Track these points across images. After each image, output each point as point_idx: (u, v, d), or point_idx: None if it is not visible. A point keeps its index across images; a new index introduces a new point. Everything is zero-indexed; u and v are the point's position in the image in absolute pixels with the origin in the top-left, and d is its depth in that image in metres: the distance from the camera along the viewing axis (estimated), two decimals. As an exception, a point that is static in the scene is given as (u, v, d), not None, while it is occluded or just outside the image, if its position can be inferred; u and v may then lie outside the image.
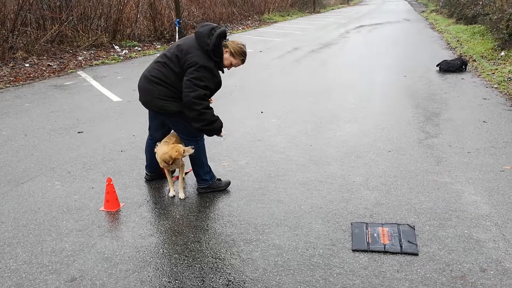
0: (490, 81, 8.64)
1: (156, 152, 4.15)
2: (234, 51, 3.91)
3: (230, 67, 4.04)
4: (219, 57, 3.87)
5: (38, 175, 4.87)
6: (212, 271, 3.13)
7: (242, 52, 3.95)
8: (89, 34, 14.55)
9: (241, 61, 4.02)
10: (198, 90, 3.76)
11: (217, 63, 3.89)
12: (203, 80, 3.78)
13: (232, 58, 3.95)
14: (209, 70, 3.82)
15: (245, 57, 4.00)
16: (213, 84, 3.90)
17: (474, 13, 17.23)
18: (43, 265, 3.25)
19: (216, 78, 3.90)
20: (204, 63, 3.79)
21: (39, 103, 8.07)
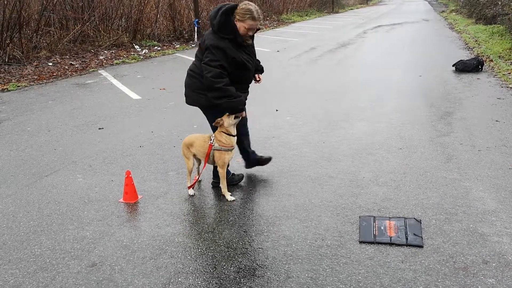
0: (506, 81, 8.62)
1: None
2: (239, 15, 3.78)
3: (247, 33, 3.87)
4: (230, 34, 3.81)
5: (61, 168, 5.10)
6: (224, 259, 3.29)
7: (245, 11, 3.77)
8: (110, 34, 14.90)
9: (251, 19, 3.78)
10: (213, 69, 3.80)
11: (231, 40, 3.84)
12: (217, 60, 3.79)
13: (242, 23, 3.79)
14: (221, 49, 3.79)
15: (251, 13, 3.77)
16: (228, 62, 3.83)
17: (493, 13, 17.07)
18: (65, 251, 3.45)
19: (230, 56, 3.82)
20: (215, 43, 3.80)
21: (62, 100, 8.35)
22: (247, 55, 4.02)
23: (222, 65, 3.82)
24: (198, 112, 7.12)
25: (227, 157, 4.16)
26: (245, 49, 4.01)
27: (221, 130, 4.12)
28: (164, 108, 7.60)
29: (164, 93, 8.76)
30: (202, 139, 4.24)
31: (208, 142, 4.16)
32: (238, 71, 3.96)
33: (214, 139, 4.13)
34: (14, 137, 6.26)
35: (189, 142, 4.30)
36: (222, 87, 3.82)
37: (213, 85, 3.83)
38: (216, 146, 4.12)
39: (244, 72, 4.04)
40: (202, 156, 4.25)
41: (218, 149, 4.12)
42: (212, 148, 4.13)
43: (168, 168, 5.00)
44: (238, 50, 3.90)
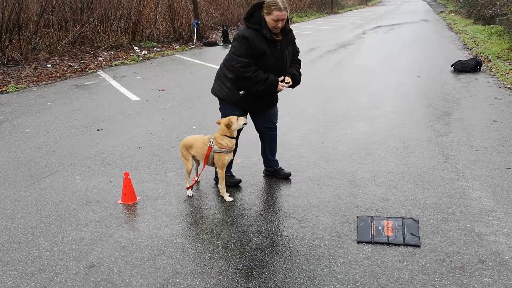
0: (504, 81, 8.64)
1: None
2: (266, 9, 3.86)
3: (277, 25, 3.89)
4: (257, 24, 3.91)
5: (60, 170, 5.11)
6: (222, 259, 3.29)
7: (271, 3, 3.83)
8: (109, 35, 14.92)
9: (277, 10, 3.81)
10: (241, 59, 3.92)
11: (257, 30, 3.92)
12: (243, 50, 3.91)
13: (269, 16, 3.85)
14: (246, 39, 3.90)
15: (276, 5, 3.81)
16: (252, 52, 3.91)
17: (492, 14, 17.10)
18: (64, 252, 3.45)
19: (255, 46, 3.90)
20: (241, 32, 3.95)
21: (60, 102, 8.37)
22: (274, 51, 4.03)
23: (248, 54, 3.93)
24: (197, 113, 7.17)
25: (227, 158, 4.17)
26: (274, 46, 4.02)
27: (223, 133, 4.10)
28: (163, 109, 7.61)
29: (163, 94, 8.77)
30: (202, 141, 4.24)
31: (208, 144, 4.16)
32: (262, 63, 4.00)
33: (213, 141, 4.13)
34: (13, 138, 6.27)
35: (188, 144, 4.31)
36: (251, 75, 3.95)
37: (242, 75, 3.96)
38: (216, 148, 4.12)
39: (266, 66, 4.04)
40: (201, 157, 4.25)
41: (218, 151, 4.12)
42: (212, 150, 4.14)
43: (166, 169, 5.01)
44: (264, 42, 3.95)
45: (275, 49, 4.03)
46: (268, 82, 4.01)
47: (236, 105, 4.24)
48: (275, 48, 4.03)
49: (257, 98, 4.20)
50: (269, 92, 4.13)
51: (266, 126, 4.48)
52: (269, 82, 4.01)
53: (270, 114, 4.47)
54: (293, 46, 4.27)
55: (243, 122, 4.10)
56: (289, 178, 4.65)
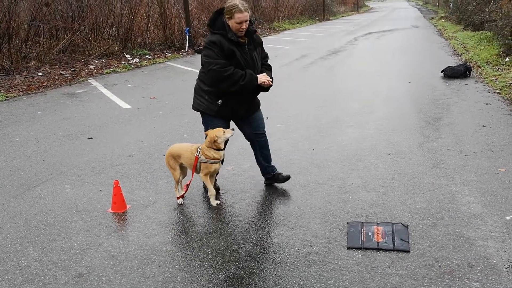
0: (493, 86, 8.72)
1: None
2: (227, 13, 3.92)
3: (241, 28, 3.93)
4: (221, 29, 3.95)
5: (49, 179, 5.08)
6: (212, 267, 3.29)
7: (231, 7, 3.88)
8: (101, 43, 14.90)
9: (238, 12, 3.86)
10: (217, 61, 3.93)
11: (222, 35, 3.95)
12: (216, 53, 3.93)
13: (232, 20, 3.90)
14: (213, 43, 3.94)
15: (236, 7, 3.86)
16: (223, 54, 3.94)
17: (481, 20, 17.27)
18: (52, 262, 3.43)
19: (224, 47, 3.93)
20: (208, 39, 4.00)
21: (51, 110, 8.33)
22: (243, 53, 4.05)
23: (221, 55, 3.95)
24: (188, 121, 7.17)
25: (213, 167, 4.15)
26: (242, 48, 4.04)
27: (209, 146, 4.08)
28: (154, 117, 7.60)
29: (154, 102, 8.76)
30: (190, 151, 4.21)
31: (195, 154, 4.14)
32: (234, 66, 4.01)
33: (200, 152, 4.11)
34: (2, 148, 6.23)
35: (176, 153, 4.28)
36: (231, 73, 3.95)
37: (222, 75, 3.95)
38: (203, 159, 4.10)
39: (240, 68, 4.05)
40: (190, 166, 4.24)
41: (204, 161, 4.11)
42: (198, 161, 4.13)
43: (157, 177, 5.00)
44: (232, 45, 3.98)
45: (244, 52, 4.06)
46: (248, 76, 4.00)
47: (217, 116, 4.23)
48: (243, 50, 4.05)
49: (236, 105, 4.20)
50: (251, 87, 4.08)
51: (254, 132, 4.47)
52: (248, 75, 4.01)
53: (256, 120, 4.45)
54: (262, 49, 4.31)
55: (230, 134, 4.08)
56: (281, 185, 4.64)
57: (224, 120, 4.30)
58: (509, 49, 11.50)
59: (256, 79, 4.06)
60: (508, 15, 12.58)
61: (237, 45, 4.00)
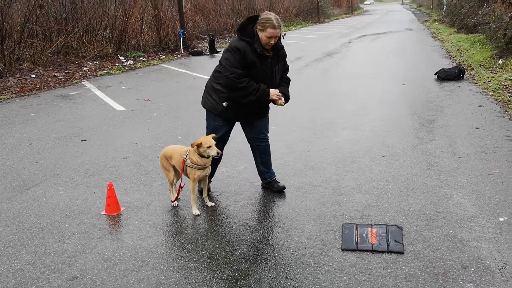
0: (486, 88, 8.77)
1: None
2: (260, 25, 3.88)
3: (270, 42, 3.92)
4: (249, 37, 3.94)
5: (43, 181, 5.05)
6: (206, 269, 3.27)
7: (265, 20, 3.86)
8: (95, 45, 14.86)
9: (271, 28, 3.85)
10: (234, 70, 3.93)
11: (249, 44, 3.95)
12: (236, 61, 3.92)
13: (263, 33, 3.88)
14: (237, 50, 3.92)
15: (270, 22, 3.84)
16: (245, 63, 3.94)
17: (474, 23, 17.39)
18: (46, 265, 3.40)
19: (246, 57, 3.92)
20: (233, 43, 3.98)
21: (44, 112, 8.29)
22: (264, 65, 4.06)
23: (241, 64, 3.95)
24: (182, 123, 7.16)
25: (197, 173, 4.09)
26: (264, 60, 4.05)
27: (195, 149, 4.04)
28: (148, 119, 7.58)
29: (148, 104, 8.74)
30: (179, 153, 4.20)
31: (183, 156, 4.13)
32: (251, 76, 4.02)
33: (188, 155, 4.10)
34: (-4, 150, 6.19)
35: (168, 154, 4.27)
36: (245, 86, 3.98)
37: (237, 85, 3.98)
38: (188, 163, 4.09)
39: (255, 80, 4.05)
40: (179, 168, 4.22)
41: (189, 165, 4.09)
42: (185, 164, 4.11)
43: (151, 179, 4.98)
44: (255, 56, 3.98)
45: (265, 64, 4.06)
46: (260, 91, 4.03)
47: (221, 116, 4.26)
48: (265, 62, 4.06)
49: (241, 111, 4.21)
50: (261, 101, 4.14)
51: (255, 136, 4.44)
52: (261, 91, 4.04)
53: (259, 125, 4.42)
54: (284, 62, 4.31)
55: (214, 153, 3.94)
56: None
57: (225, 120, 4.30)
58: (502, 51, 11.59)
59: (268, 94, 4.10)
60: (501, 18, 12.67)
61: (260, 57, 4.01)
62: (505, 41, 11.37)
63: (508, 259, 3.22)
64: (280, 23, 3.94)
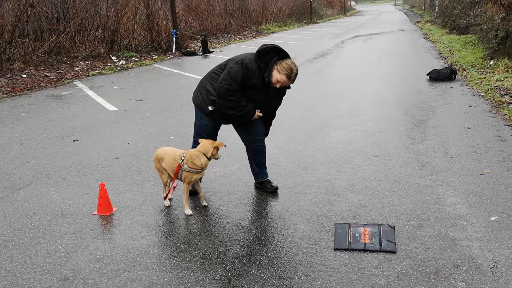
0: (478, 89, 8.83)
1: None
2: (281, 67, 3.93)
3: (277, 83, 4.01)
4: (264, 63, 3.96)
5: (34, 181, 5.01)
6: (199, 269, 3.27)
7: (287, 68, 3.92)
8: (86, 45, 14.77)
9: (286, 77, 3.94)
10: (233, 83, 3.95)
11: (261, 69, 3.98)
12: (239, 76, 3.94)
13: (278, 74, 3.94)
14: (247, 69, 3.94)
15: (290, 73, 3.93)
16: (245, 81, 3.96)
17: (466, 24, 17.50)
18: (37, 265, 3.38)
19: (250, 79, 3.97)
20: (247, 61, 3.98)
21: (35, 112, 8.24)
22: (265, 92, 4.10)
23: (242, 82, 3.97)
24: (175, 123, 7.14)
25: (195, 176, 4.07)
26: (265, 88, 4.09)
27: (206, 151, 4.01)
28: (141, 119, 7.55)
29: (141, 104, 8.71)
30: (172, 156, 4.11)
31: (178, 161, 4.06)
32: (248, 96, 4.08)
33: (184, 159, 4.02)
34: (-14, 150, 6.14)
35: (160, 156, 4.21)
36: (234, 100, 4.01)
37: (226, 97, 4.00)
38: (186, 167, 4.01)
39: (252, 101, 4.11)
40: (171, 171, 4.15)
41: (187, 170, 4.02)
42: (181, 169, 4.04)
43: (144, 180, 4.96)
44: (260, 81, 4.02)
45: (266, 92, 4.11)
46: (246, 110, 4.08)
47: (207, 115, 4.29)
48: (266, 91, 4.10)
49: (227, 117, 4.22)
50: (244, 119, 4.19)
51: (250, 137, 4.42)
52: (247, 110, 4.08)
53: (253, 126, 4.37)
54: (281, 98, 4.38)
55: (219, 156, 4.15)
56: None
57: (211, 120, 4.32)
58: (493, 52, 11.66)
59: (253, 116, 4.16)
60: (492, 19, 12.76)
61: (264, 84, 4.05)
62: (497, 42, 11.44)
63: (499, 258, 3.24)
64: (296, 78, 4.04)
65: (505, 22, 11.14)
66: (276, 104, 4.39)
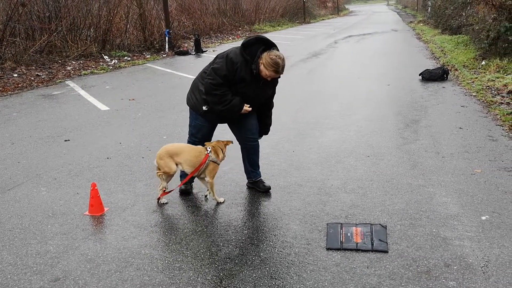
0: (470, 89, 8.88)
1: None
2: (265, 62, 3.86)
3: (266, 79, 3.98)
4: (250, 56, 3.91)
5: (25, 182, 4.97)
6: (191, 269, 3.25)
7: (273, 63, 3.86)
8: (78, 44, 14.69)
9: (274, 72, 3.90)
10: (217, 78, 3.94)
11: (247, 62, 3.93)
12: (224, 70, 3.92)
13: (265, 70, 3.89)
14: (231, 63, 3.91)
15: (277, 67, 3.87)
16: (231, 77, 3.94)
17: (458, 24, 17.61)
18: (28, 266, 3.35)
19: (236, 73, 3.93)
20: (230, 54, 3.96)
21: (26, 112, 8.18)
22: (254, 84, 4.05)
23: (227, 77, 3.95)
24: (168, 123, 7.11)
25: (217, 169, 4.30)
26: (254, 80, 4.03)
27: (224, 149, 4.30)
28: (133, 119, 7.52)
29: (133, 103, 8.67)
30: (194, 150, 4.21)
31: (204, 153, 4.16)
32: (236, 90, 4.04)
33: (211, 150, 4.20)
34: (-24, 150, 6.08)
35: (174, 151, 4.19)
36: (219, 94, 3.98)
37: (211, 91, 3.99)
38: (213, 158, 4.21)
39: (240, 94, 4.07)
40: (191, 166, 4.15)
41: (215, 161, 4.20)
42: (208, 160, 4.15)
43: (136, 179, 4.94)
44: (248, 73, 3.97)
45: (256, 83, 4.05)
46: (231, 105, 4.03)
47: (202, 116, 4.28)
48: (256, 82, 4.05)
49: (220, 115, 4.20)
50: (231, 114, 4.14)
51: (244, 136, 4.41)
52: (232, 105, 4.03)
53: (247, 124, 4.37)
54: (274, 87, 4.32)
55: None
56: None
57: (208, 121, 4.31)
58: (485, 52, 11.73)
59: (240, 110, 4.10)
60: (484, 19, 12.84)
61: (253, 76, 4.00)
62: (488, 43, 11.51)
63: (490, 257, 3.26)
64: (284, 70, 3.98)
65: (496, 22, 11.21)
66: (271, 94, 4.35)
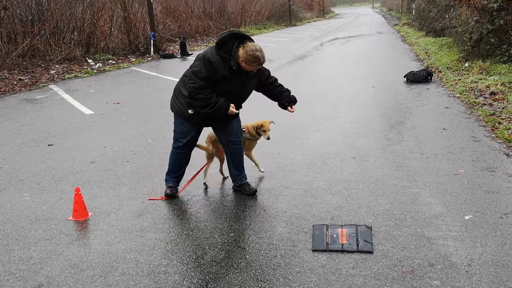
0: (453, 91, 8.99)
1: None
2: (245, 59, 3.85)
3: (251, 72, 4.00)
4: (227, 53, 3.90)
5: (7, 187, 4.90)
6: (176, 273, 3.23)
7: (253, 59, 3.85)
8: (62, 47, 14.56)
9: (257, 65, 3.91)
10: (198, 81, 3.92)
11: (225, 60, 3.91)
12: (203, 72, 3.90)
13: (248, 66, 3.89)
14: (209, 63, 3.88)
15: (258, 60, 3.87)
16: (212, 77, 3.92)
17: (442, 26, 17.83)
18: (10, 273, 3.30)
19: (216, 72, 3.90)
20: (207, 55, 3.92)
21: (9, 117, 8.06)
22: (236, 80, 4.03)
23: (208, 78, 3.92)
24: (153, 126, 7.07)
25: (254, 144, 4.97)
26: (236, 76, 4.02)
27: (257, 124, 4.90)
28: (118, 123, 7.46)
29: (118, 107, 8.61)
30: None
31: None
32: (219, 89, 4.02)
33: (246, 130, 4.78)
34: (-43, 155, 5.98)
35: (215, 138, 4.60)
36: (203, 97, 3.95)
37: (194, 95, 3.97)
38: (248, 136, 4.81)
39: (223, 93, 4.05)
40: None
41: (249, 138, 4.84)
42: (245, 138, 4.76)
43: (120, 184, 4.90)
44: (228, 71, 3.95)
45: (238, 79, 4.04)
46: (217, 106, 4.01)
47: (187, 121, 4.25)
48: (238, 79, 4.04)
49: (207, 118, 4.17)
50: (218, 116, 4.11)
51: (228, 139, 4.40)
52: (218, 106, 4.01)
53: (231, 127, 4.37)
54: (261, 75, 4.30)
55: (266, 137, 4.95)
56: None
57: (194, 125, 4.29)
58: (468, 54, 11.89)
59: (227, 110, 4.08)
60: (467, 22, 13.02)
61: (233, 73, 3.97)
62: (471, 45, 11.68)
63: (473, 256, 3.29)
64: (265, 58, 3.95)
65: (479, 25, 11.37)
66: (266, 75, 4.40)
